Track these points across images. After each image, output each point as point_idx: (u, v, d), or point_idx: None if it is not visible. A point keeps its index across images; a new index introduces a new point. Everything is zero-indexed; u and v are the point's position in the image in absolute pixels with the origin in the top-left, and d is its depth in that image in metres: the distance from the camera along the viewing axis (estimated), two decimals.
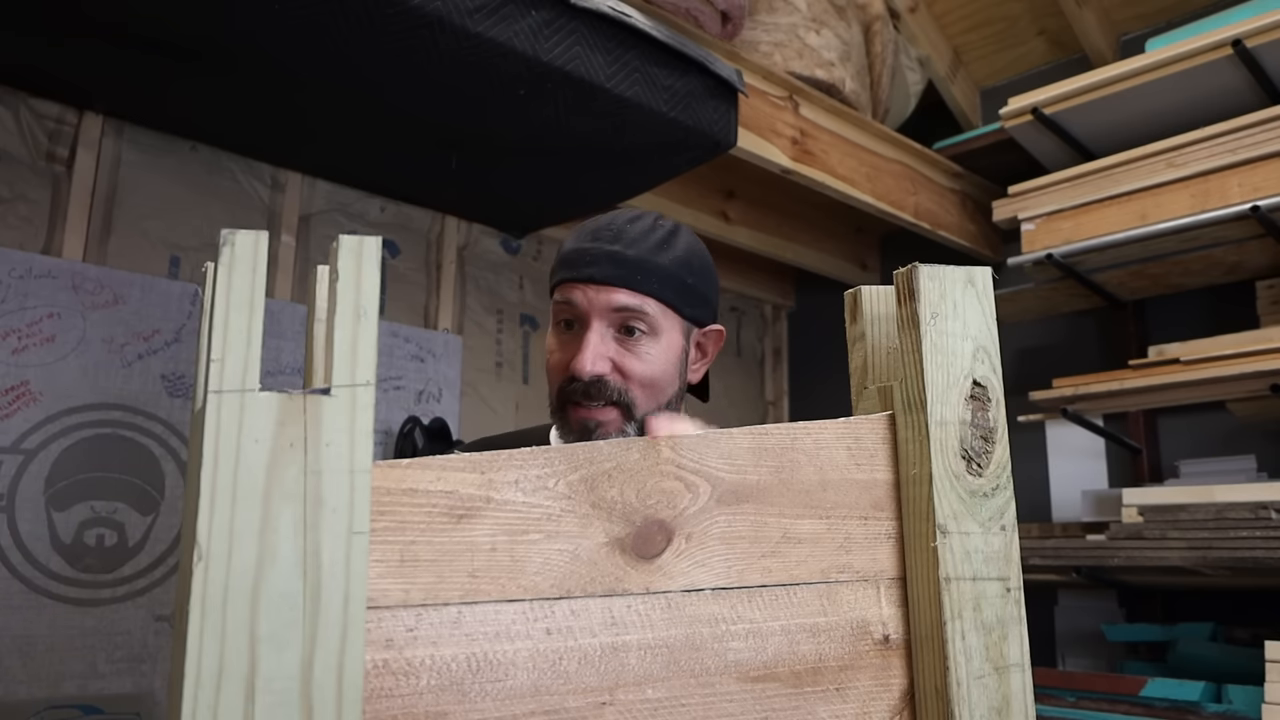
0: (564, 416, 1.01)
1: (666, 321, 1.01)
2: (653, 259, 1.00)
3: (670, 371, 1.02)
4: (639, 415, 0.99)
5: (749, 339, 2.98)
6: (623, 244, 1.00)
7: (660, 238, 1.02)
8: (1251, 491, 1.71)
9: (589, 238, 1.02)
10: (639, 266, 0.99)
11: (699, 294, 1.04)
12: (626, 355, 0.99)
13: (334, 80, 1.53)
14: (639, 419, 0.99)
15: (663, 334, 1.01)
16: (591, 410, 0.99)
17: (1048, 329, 2.44)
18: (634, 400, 0.99)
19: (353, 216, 2.10)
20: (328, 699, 0.46)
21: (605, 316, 0.99)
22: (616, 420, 0.99)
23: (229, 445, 0.46)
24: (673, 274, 1.01)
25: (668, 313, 1.01)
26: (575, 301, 1.00)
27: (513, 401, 2.32)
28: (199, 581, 0.45)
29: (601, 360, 0.98)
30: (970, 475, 0.67)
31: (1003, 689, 0.65)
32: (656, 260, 1.00)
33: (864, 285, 0.77)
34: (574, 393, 0.99)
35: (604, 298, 0.99)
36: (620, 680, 0.57)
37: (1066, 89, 2.05)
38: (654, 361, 1.00)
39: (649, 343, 1.00)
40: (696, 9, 1.80)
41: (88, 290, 1.68)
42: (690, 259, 1.04)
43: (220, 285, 0.48)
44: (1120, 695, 1.78)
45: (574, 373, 0.98)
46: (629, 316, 0.99)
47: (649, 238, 1.01)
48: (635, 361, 0.99)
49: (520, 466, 0.57)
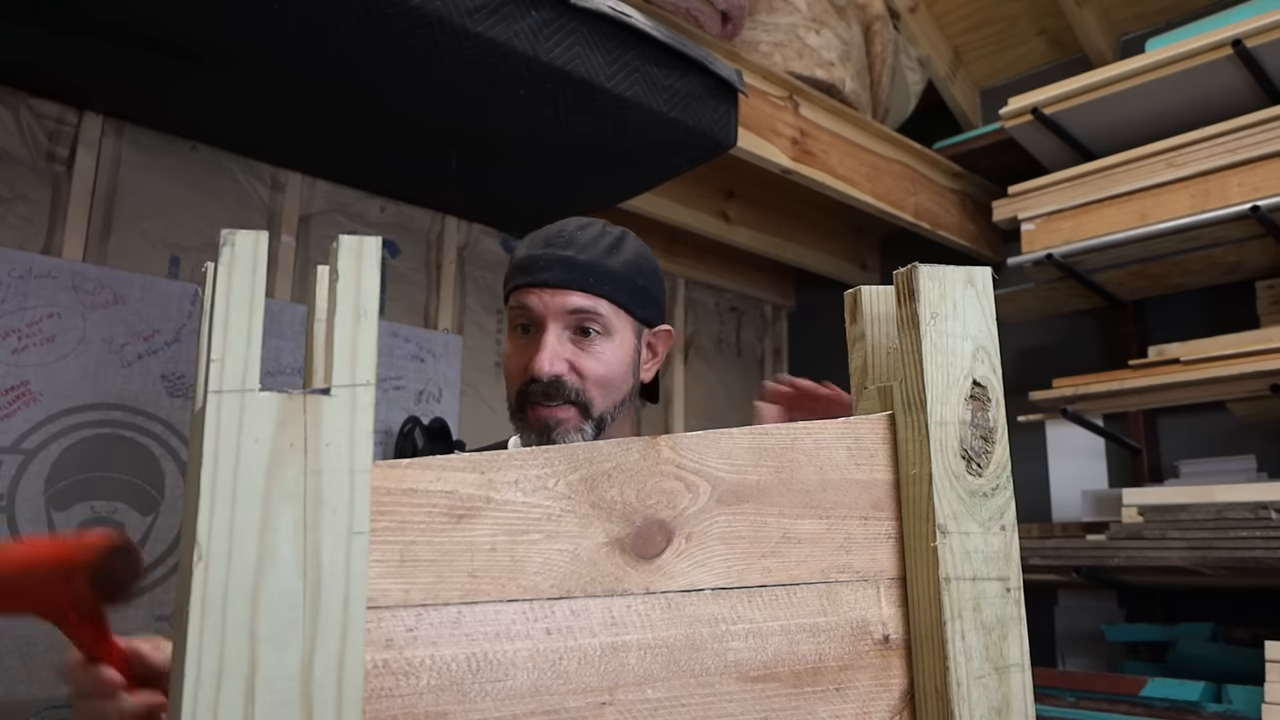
0: (523, 417, 1.06)
1: (619, 322, 1.06)
2: (604, 262, 1.05)
3: (624, 370, 1.06)
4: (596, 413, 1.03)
5: (749, 339, 2.98)
6: (574, 249, 1.05)
7: (609, 243, 1.07)
8: (1251, 491, 1.71)
9: (541, 244, 1.07)
10: (591, 270, 1.04)
11: (649, 295, 1.09)
12: (582, 355, 1.04)
13: (334, 80, 1.53)
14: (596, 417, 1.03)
15: (616, 334, 1.05)
16: (551, 409, 1.03)
17: (1048, 329, 2.44)
18: (591, 399, 1.03)
19: (353, 216, 2.10)
20: (328, 699, 0.46)
21: (561, 319, 1.03)
22: (574, 419, 1.03)
23: (229, 445, 0.46)
24: (623, 276, 1.06)
25: (620, 313, 1.06)
26: (531, 306, 1.04)
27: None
28: (199, 581, 0.45)
29: (559, 360, 1.02)
30: (970, 475, 0.67)
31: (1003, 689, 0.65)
32: (607, 264, 1.05)
33: (864, 285, 0.77)
34: (534, 393, 1.03)
35: (559, 300, 1.03)
36: (620, 680, 0.57)
37: (1066, 89, 2.05)
38: (609, 361, 1.04)
39: (603, 343, 1.04)
40: (696, 9, 1.80)
41: (88, 290, 1.68)
42: (639, 262, 1.08)
43: (220, 285, 0.48)
44: (1120, 695, 1.78)
45: (533, 374, 1.02)
46: (583, 318, 1.04)
47: (599, 243, 1.06)
48: (591, 361, 1.03)
49: (520, 466, 0.57)
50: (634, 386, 1.09)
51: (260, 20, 1.34)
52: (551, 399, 1.03)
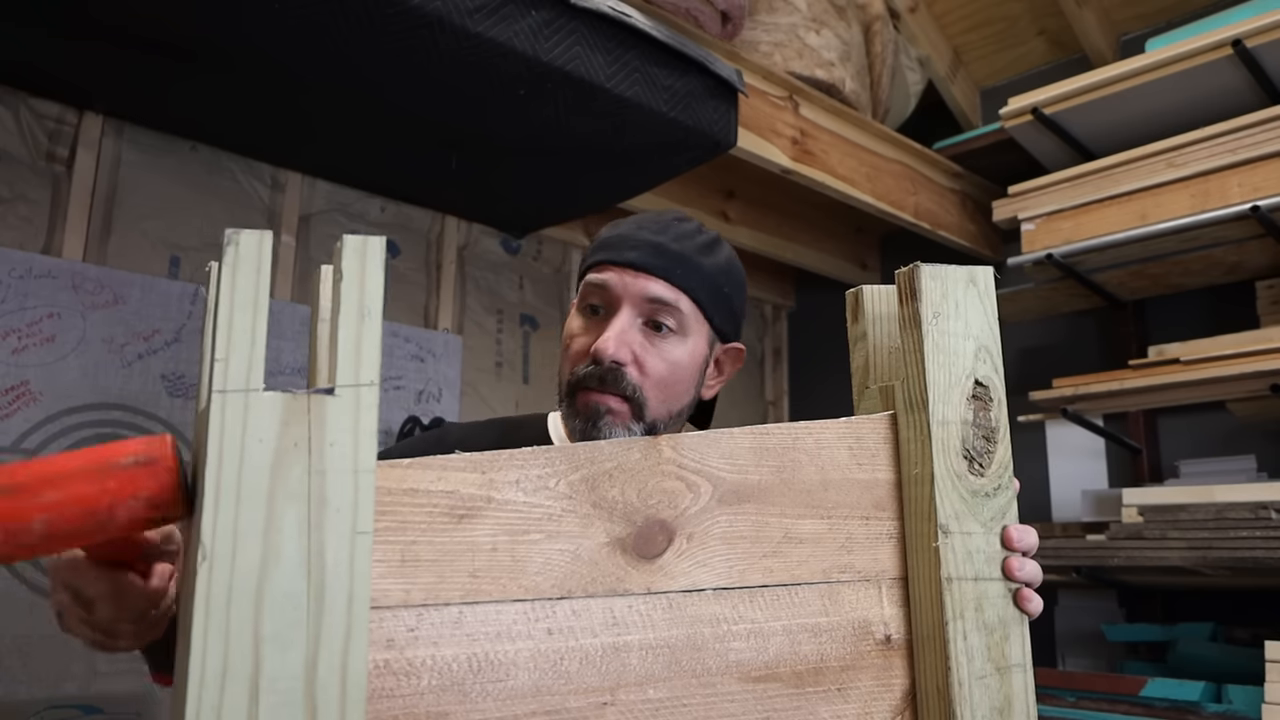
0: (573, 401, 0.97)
1: (696, 325, 0.97)
2: (696, 258, 0.97)
3: (688, 378, 0.98)
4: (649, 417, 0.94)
5: (749, 339, 2.98)
6: (667, 237, 0.97)
7: (705, 241, 1.00)
8: (1251, 491, 1.71)
9: (633, 226, 0.99)
10: (681, 260, 0.96)
11: (731, 307, 1.01)
12: (649, 350, 0.95)
13: (334, 80, 1.53)
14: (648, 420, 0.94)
15: (690, 337, 0.97)
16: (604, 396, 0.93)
17: (1048, 329, 2.44)
18: (646, 399, 0.94)
19: (353, 216, 2.10)
20: (331, 699, 0.46)
21: (637, 305, 0.95)
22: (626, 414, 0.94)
23: (233, 445, 0.46)
24: (711, 277, 0.98)
25: (699, 316, 0.97)
26: (609, 284, 0.95)
27: (513, 401, 2.32)
28: (203, 581, 0.45)
29: (624, 347, 0.93)
30: (972, 475, 0.67)
31: (1004, 689, 0.65)
32: (699, 260, 0.97)
33: (865, 285, 0.77)
34: (589, 378, 0.94)
35: (640, 284, 0.94)
36: (622, 680, 0.57)
37: (1066, 89, 2.05)
38: (675, 363, 0.96)
39: (675, 342, 0.96)
40: (696, 9, 1.80)
41: (88, 290, 1.68)
42: (730, 269, 1.01)
43: (224, 285, 0.48)
44: (1120, 695, 1.78)
45: (596, 354, 0.93)
46: (660, 309, 0.95)
47: (694, 238, 0.99)
48: (656, 359, 0.95)
49: (521, 466, 0.57)
50: (693, 400, 1.00)
51: (260, 20, 1.34)
52: (606, 387, 0.93)
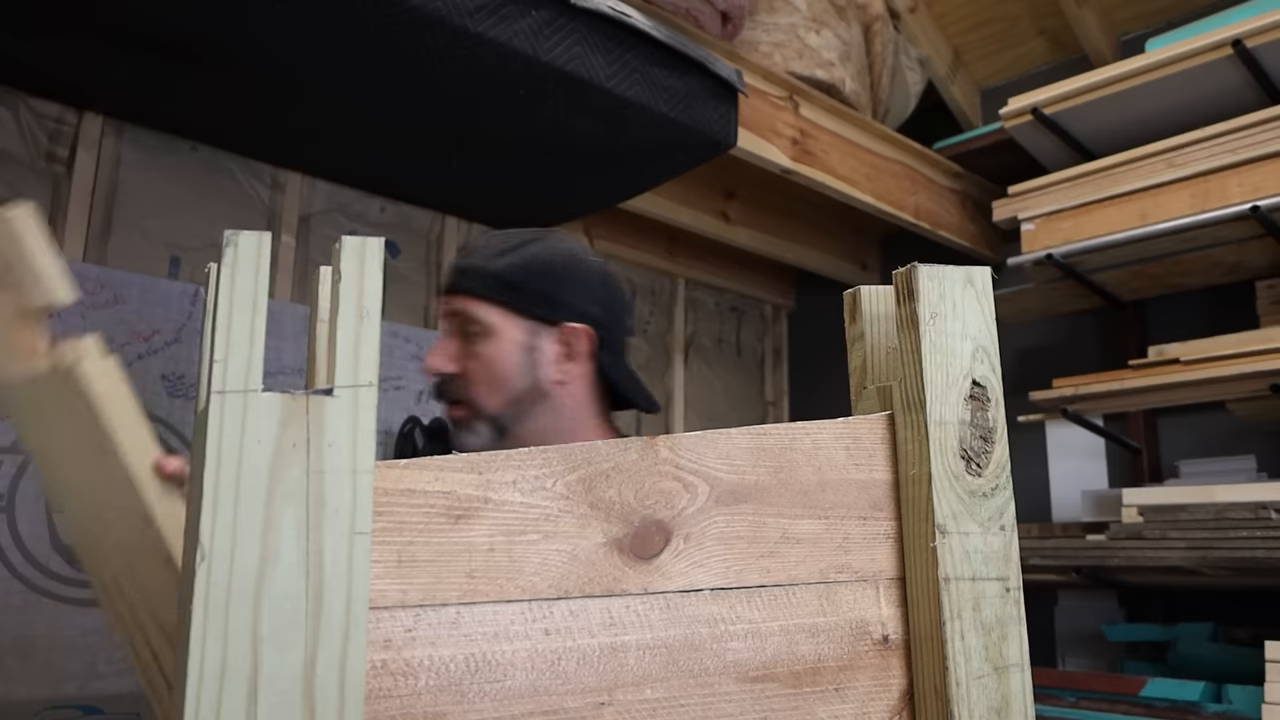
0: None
1: (503, 322, 1.07)
2: (483, 265, 1.08)
3: (510, 367, 1.07)
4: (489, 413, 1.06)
5: (749, 339, 2.98)
6: (468, 255, 1.11)
7: (505, 247, 1.10)
8: (1251, 491, 1.71)
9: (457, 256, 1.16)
10: (466, 273, 1.09)
11: (539, 293, 1.08)
12: (466, 357, 1.07)
13: (334, 80, 1.53)
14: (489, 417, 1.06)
15: (496, 334, 1.07)
16: (450, 408, 1.09)
17: (1048, 329, 2.44)
18: (478, 399, 1.06)
19: (353, 216, 2.11)
20: (330, 699, 0.46)
21: (449, 321, 1.10)
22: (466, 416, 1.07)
23: (232, 446, 0.47)
24: (500, 274, 1.08)
25: (503, 313, 1.07)
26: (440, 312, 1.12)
27: None
28: (201, 581, 0.45)
29: (441, 359, 1.08)
30: (969, 475, 0.67)
31: (1002, 689, 0.65)
32: (487, 266, 1.08)
33: (864, 285, 0.77)
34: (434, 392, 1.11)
35: (447, 305, 1.10)
36: (619, 680, 0.57)
37: (1066, 89, 2.05)
38: (489, 360, 1.06)
39: (483, 342, 1.07)
40: (696, 9, 1.80)
41: (88, 290, 1.69)
42: (531, 263, 1.09)
43: (223, 286, 0.48)
44: (1120, 695, 1.78)
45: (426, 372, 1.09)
46: (463, 320, 1.08)
47: (492, 247, 1.11)
48: (472, 362, 1.07)
49: (518, 467, 0.57)
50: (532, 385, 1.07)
51: (261, 20, 1.34)
52: (443, 398, 1.09)
